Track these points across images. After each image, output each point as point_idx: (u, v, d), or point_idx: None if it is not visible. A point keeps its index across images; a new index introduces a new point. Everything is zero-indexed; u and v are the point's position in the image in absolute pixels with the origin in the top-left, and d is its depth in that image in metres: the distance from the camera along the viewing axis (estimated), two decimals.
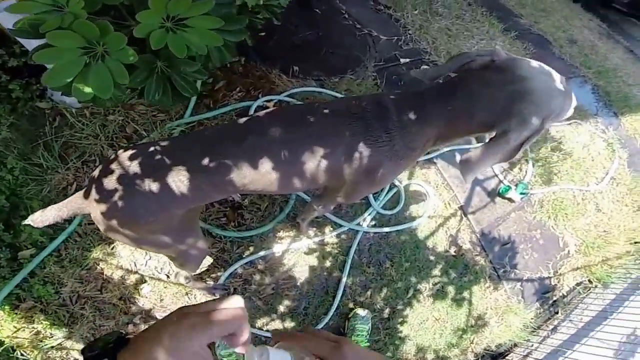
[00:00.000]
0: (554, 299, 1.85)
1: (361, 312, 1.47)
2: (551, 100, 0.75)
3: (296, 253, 1.54)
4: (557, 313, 1.81)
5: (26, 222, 0.83)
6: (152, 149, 0.80)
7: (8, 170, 1.33)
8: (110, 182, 0.75)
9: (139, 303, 1.33)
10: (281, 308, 1.46)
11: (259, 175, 0.82)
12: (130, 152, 0.79)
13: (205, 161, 0.79)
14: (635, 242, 2.06)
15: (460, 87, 0.80)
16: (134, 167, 0.76)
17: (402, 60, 2.23)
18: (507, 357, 1.70)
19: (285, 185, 0.87)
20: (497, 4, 3.15)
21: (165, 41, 0.68)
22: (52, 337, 1.22)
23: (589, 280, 1.93)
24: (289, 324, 1.45)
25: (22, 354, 1.18)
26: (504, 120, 0.74)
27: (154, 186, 0.76)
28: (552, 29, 3.20)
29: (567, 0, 3.88)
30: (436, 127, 0.82)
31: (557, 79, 0.77)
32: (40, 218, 0.82)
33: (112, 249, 1.36)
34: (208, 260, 1.43)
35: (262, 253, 1.49)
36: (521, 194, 1.87)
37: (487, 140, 0.79)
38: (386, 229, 1.64)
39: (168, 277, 1.37)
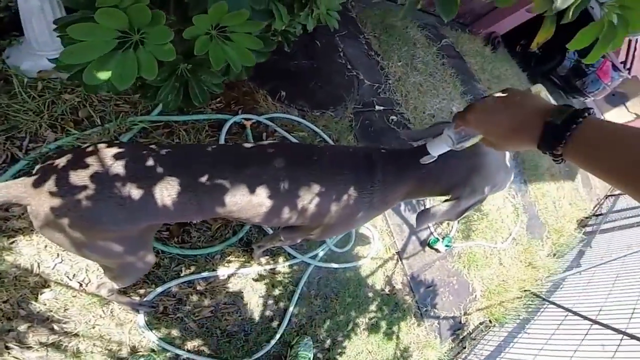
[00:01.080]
0: (463, 335, 2.20)
1: (305, 339, 1.55)
2: (498, 174, 0.87)
3: (244, 278, 1.51)
4: (464, 348, 2.15)
5: None
6: (143, 152, 0.75)
7: None
8: (79, 177, 0.67)
9: (34, 310, 1.13)
10: (218, 332, 1.39)
11: (250, 205, 0.82)
12: (115, 149, 0.72)
13: (203, 179, 0.76)
14: (525, 290, 2.57)
15: None
16: (118, 167, 0.69)
17: (377, 107, 2.43)
18: None
19: (271, 218, 0.87)
20: (464, 66, 3.56)
21: (207, 49, 0.66)
22: None
23: (489, 320, 2.34)
24: (226, 348, 1.40)
25: None
26: (460, 189, 0.85)
27: (135, 194, 0.69)
28: None
29: (518, 69, 4.53)
30: (409, 187, 0.92)
31: (507, 157, 0.90)
32: None
33: (11, 243, 1.15)
34: None
35: (204, 274, 1.41)
36: (446, 246, 2.23)
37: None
38: (335, 265, 1.81)
39: (81, 285, 1.21)
